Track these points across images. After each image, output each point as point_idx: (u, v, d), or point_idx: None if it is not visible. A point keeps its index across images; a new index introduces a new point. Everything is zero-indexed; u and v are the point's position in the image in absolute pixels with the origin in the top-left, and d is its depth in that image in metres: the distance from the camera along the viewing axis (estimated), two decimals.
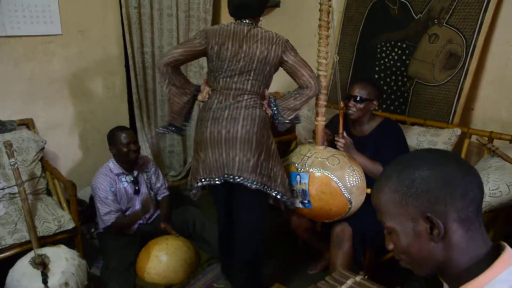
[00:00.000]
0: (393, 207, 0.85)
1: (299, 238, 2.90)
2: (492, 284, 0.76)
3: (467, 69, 2.85)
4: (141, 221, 2.75)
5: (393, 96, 3.23)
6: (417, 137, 2.83)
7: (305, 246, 2.93)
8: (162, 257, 2.48)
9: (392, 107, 3.24)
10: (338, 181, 2.08)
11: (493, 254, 0.82)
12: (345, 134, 2.33)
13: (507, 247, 0.81)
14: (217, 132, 2.03)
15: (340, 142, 2.32)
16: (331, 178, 2.08)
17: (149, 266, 2.46)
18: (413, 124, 3.01)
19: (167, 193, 2.91)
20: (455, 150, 2.79)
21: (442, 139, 2.78)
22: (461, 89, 2.88)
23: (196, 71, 3.81)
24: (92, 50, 3.26)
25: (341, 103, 2.34)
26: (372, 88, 2.43)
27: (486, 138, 2.50)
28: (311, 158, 2.17)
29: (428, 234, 0.82)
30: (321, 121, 2.23)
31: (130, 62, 3.44)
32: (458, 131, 2.78)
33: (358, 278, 1.69)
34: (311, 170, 2.13)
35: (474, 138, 2.77)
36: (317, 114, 2.23)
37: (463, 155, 2.81)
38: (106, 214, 2.58)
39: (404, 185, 0.84)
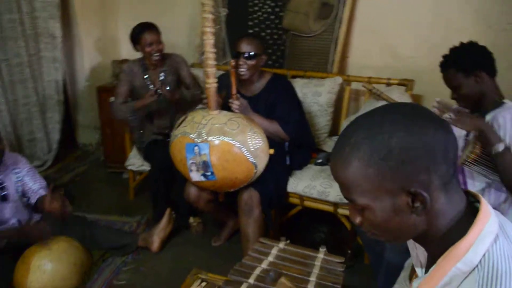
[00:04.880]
0: (366, 183, 0.71)
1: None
2: (480, 239, 0.70)
3: (341, 18, 2.88)
4: None
5: (270, 50, 3.15)
6: (301, 89, 2.80)
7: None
8: (45, 266, 2.07)
9: (270, 62, 3.15)
10: (241, 146, 1.93)
11: (469, 207, 0.76)
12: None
13: (481, 198, 0.76)
14: None
15: (235, 104, 2.16)
16: (233, 144, 1.92)
17: (31, 280, 2.04)
18: (294, 76, 2.98)
19: (43, 193, 2.39)
20: (337, 97, 2.85)
21: (326, 88, 2.81)
22: (337, 38, 2.91)
23: (48, 42, 3.26)
24: None
25: (232, 61, 2.16)
26: (258, 41, 2.29)
27: (372, 84, 2.54)
28: (208, 126, 1.97)
29: (409, 207, 0.71)
30: (212, 83, 2.02)
31: None
32: (339, 79, 2.83)
33: (281, 245, 1.60)
34: (210, 138, 1.93)
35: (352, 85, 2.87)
36: (207, 76, 2.01)
37: (345, 102, 2.89)
38: None
39: (379, 156, 0.69)
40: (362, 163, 0.70)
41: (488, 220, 0.71)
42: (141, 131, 2.82)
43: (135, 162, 2.87)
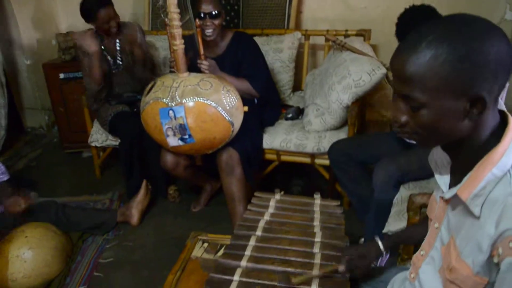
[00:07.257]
0: (434, 80, 0.71)
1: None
2: (510, 150, 0.74)
3: None
4: None
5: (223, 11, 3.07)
6: (262, 47, 2.74)
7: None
8: (25, 255, 1.96)
9: (224, 23, 3.07)
10: (217, 106, 1.89)
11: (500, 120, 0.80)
12: None
13: (507, 113, 0.80)
14: None
15: (204, 64, 2.11)
16: (208, 104, 1.88)
17: (11, 271, 1.93)
18: (251, 35, 2.94)
19: (4, 178, 2.24)
20: (297, 53, 2.86)
21: (287, 44, 2.80)
22: None
23: None
24: None
25: (197, 20, 2.08)
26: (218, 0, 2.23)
27: (334, 36, 2.54)
28: (180, 88, 1.90)
29: (465, 112, 0.73)
30: (179, 45, 1.94)
31: None
32: (298, 34, 2.83)
33: (277, 196, 1.62)
34: (184, 100, 1.87)
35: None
36: (173, 37, 1.93)
37: (305, 57, 2.90)
38: None
39: (457, 56, 0.69)
40: (438, 61, 0.70)
41: None
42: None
43: (98, 137, 2.74)
